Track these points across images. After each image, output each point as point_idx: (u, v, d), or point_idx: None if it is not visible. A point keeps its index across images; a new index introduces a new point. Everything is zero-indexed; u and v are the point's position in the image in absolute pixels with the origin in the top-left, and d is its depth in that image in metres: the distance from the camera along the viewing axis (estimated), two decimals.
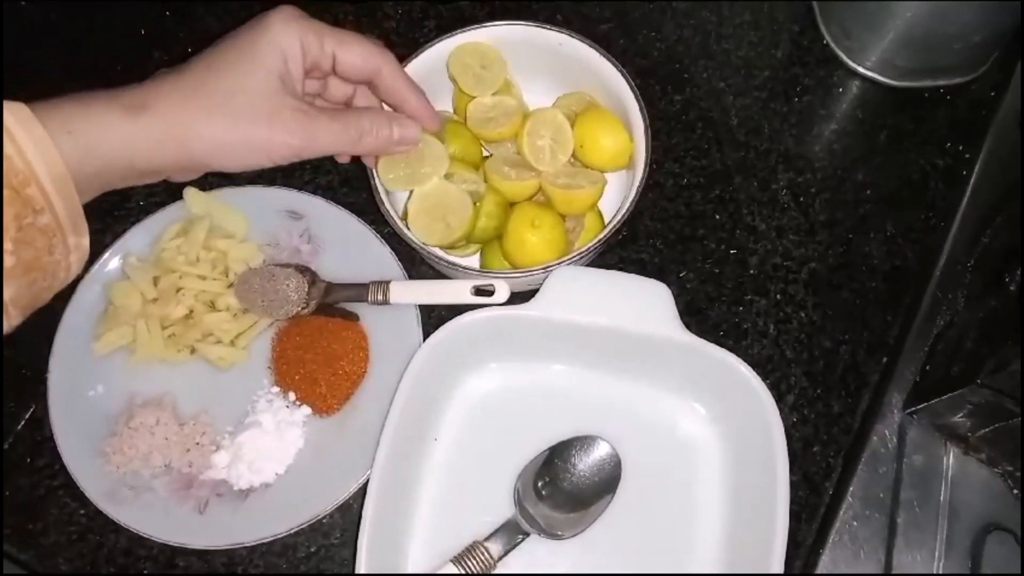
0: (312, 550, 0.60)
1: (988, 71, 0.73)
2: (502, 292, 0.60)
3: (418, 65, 0.63)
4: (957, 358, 0.59)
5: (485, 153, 0.66)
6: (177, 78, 0.48)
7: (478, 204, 0.61)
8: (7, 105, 0.42)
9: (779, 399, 0.57)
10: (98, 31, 0.77)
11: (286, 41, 0.49)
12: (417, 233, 0.59)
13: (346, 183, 0.70)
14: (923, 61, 0.72)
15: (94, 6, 0.77)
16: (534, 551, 0.57)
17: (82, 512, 0.61)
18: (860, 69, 0.74)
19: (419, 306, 0.63)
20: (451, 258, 0.62)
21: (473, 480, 0.60)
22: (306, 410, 0.62)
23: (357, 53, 0.52)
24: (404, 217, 0.63)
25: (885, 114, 0.73)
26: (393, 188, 0.60)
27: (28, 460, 0.63)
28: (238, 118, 0.48)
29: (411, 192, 0.60)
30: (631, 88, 0.62)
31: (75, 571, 0.60)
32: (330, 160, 0.70)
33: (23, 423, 0.64)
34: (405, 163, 0.59)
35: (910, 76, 0.73)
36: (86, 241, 0.46)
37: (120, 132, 0.46)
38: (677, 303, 0.58)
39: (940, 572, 0.58)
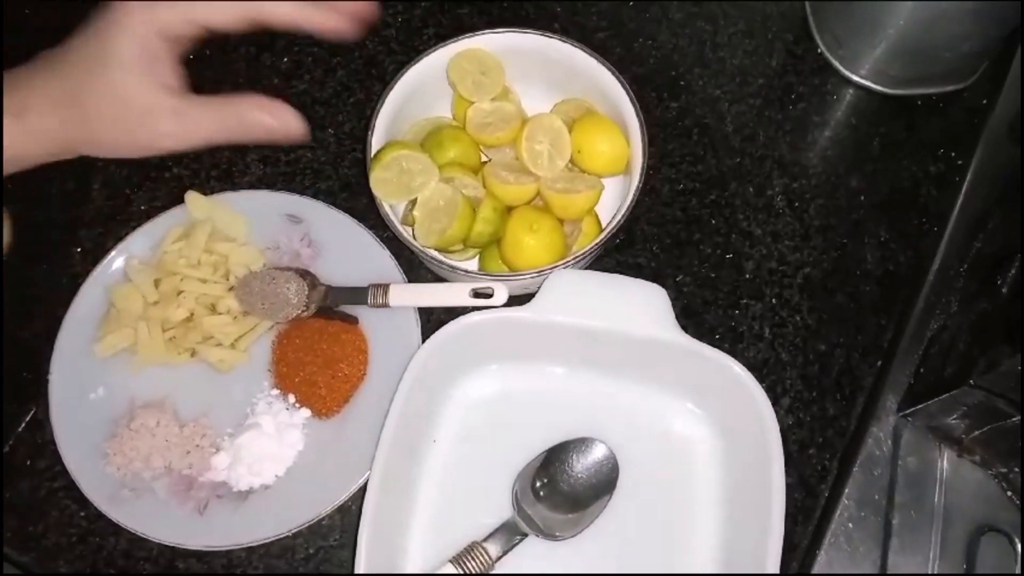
0: (311, 552, 0.61)
1: (979, 79, 0.74)
2: (500, 295, 0.60)
3: (418, 72, 0.64)
4: (950, 360, 0.60)
5: (484, 158, 0.67)
6: (50, 80, 0.47)
7: (476, 208, 0.61)
8: None
9: (775, 402, 0.57)
10: None
11: (141, 33, 0.46)
12: (419, 234, 0.60)
13: (346, 188, 0.71)
14: (915, 70, 0.73)
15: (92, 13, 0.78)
16: (532, 552, 0.58)
17: (82, 514, 0.62)
18: (853, 77, 0.75)
19: (418, 309, 0.63)
20: (450, 261, 0.63)
21: (471, 481, 0.60)
22: (306, 412, 0.62)
23: (219, 7, 0.48)
24: (405, 222, 0.64)
25: (878, 121, 0.74)
26: (393, 201, 0.61)
27: (28, 462, 0.63)
28: (115, 122, 0.47)
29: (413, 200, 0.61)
30: (628, 94, 0.63)
31: (75, 573, 0.60)
32: (330, 165, 0.71)
33: (24, 425, 0.64)
34: (397, 181, 0.59)
35: (903, 84, 0.74)
36: None
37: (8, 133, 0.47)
38: (674, 307, 0.59)
39: (935, 573, 0.59)
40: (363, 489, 0.56)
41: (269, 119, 0.50)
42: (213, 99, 0.49)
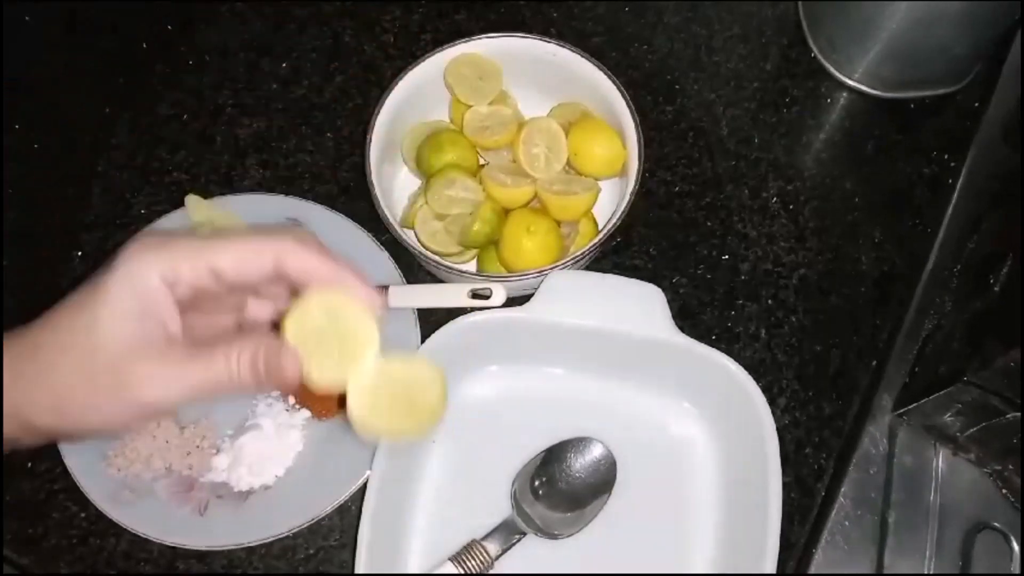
0: (311, 552, 0.61)
1: (972, 82, 0.75)
2: (499, 295, 0.61)
3: (416, 76, 0.65)
4: (944, 359, 0.61)
5: (482, 161, 0.68)
6: (19, 336, 0.41)
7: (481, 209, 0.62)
8: None
9: (771, 402, 0.58)
10: (100, 46, 0.79)
11: (141, 277, 0.39)
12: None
13: (345, 191, 0.71)
14: (908, 73, 0.73)
15: (96, 21, 0.79)
16: (531, 550, 0.58)
17: (83, 516, 0.62)
18: (847, 81, 0.76)
19: (417, 310, 0.64)
20: (448, 263, 0.63)
21: (470, 481, 0.61)
22: (305, 413, 0.63)
23: (235, 254, 0.40)
24: (404, 224, 0.64)
25: (872, 124, 0.75)
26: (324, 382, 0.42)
27: (29, 464, 0.63)
28: (76, 384, 0.39)
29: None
30: (624, 98, 0.64)
31: (76, 574, 0.60)
32: (329, 169, 0.72)
33: None
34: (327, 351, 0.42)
35: (896, 87, 0.75)
36: None
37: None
38: (670, 308, 0.59)
39: (931, 571, 0.59)
40: (362, 489, 0.56)
41: (250, 377, 0.41)
42: (207, 354, 0.40)
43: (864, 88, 0.75)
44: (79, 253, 0.70)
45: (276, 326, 0.42)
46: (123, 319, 0.39)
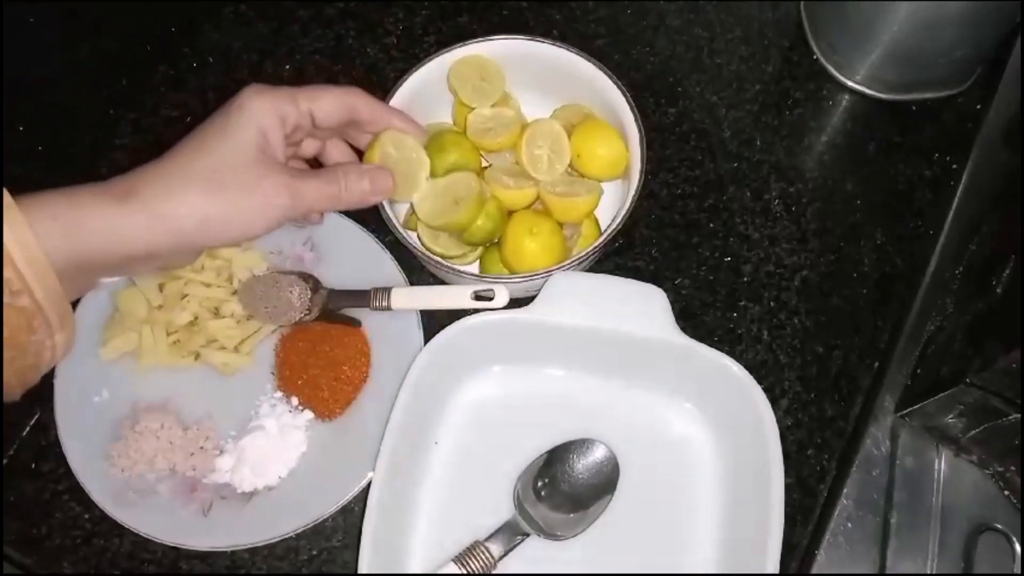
0: (314, 552, 0.61)
1: (973, 85, 0.75)
2: (502, 297, 0.61)
3: (419, 78, 0.65)
4: (946, 360, 0.61)
5: (484, 163, 0.68)
6: (161, 163, 0.50)
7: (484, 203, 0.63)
8: None
9: (773, 403, 0.58)
10: (102, 47, 0.79)
11: (261, 114, 0.51)
12: (425, 213, 0.62)
13: None
14: (909, 75, 0.74)
15: (98, 22, 0.79)
16: (534, 551, 0.58)
17: (86, 516, 0.62)
18: (849, 83, 0.76)
19: (420, 312, 0.64)
20: (451, 264, 0.63)
21: (473, 482, 0.61)
22: (309, 414, 0.63)
23: (329, 100, 0.55)
24: (407, 225, 0.65)
25: (874, 126, 0.75)
26: (405, 198, 0.62)
27: (33, 465, 0.64)
28: (223, 191, 0.49)
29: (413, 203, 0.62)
30: (626, 100, 0.64)
31: (79, 574, 0.61)
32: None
33: (28, 428, 0.65)
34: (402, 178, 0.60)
35: (898, 90, 0.75)
36: (68, 331, 0.48)
37: (109, 219, 0.47)
38: (672, 309, 0.59)
39: (933, 572, 0.59)
40: (366, 490, 0.56)
41: (366, 184, 0.56)
42: (316, 170, 0.55)
43: (866, 90, 0.75)
44: None
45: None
46: (250, 142, 0.50)
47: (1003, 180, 0.70)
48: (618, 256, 0.70)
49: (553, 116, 0.68)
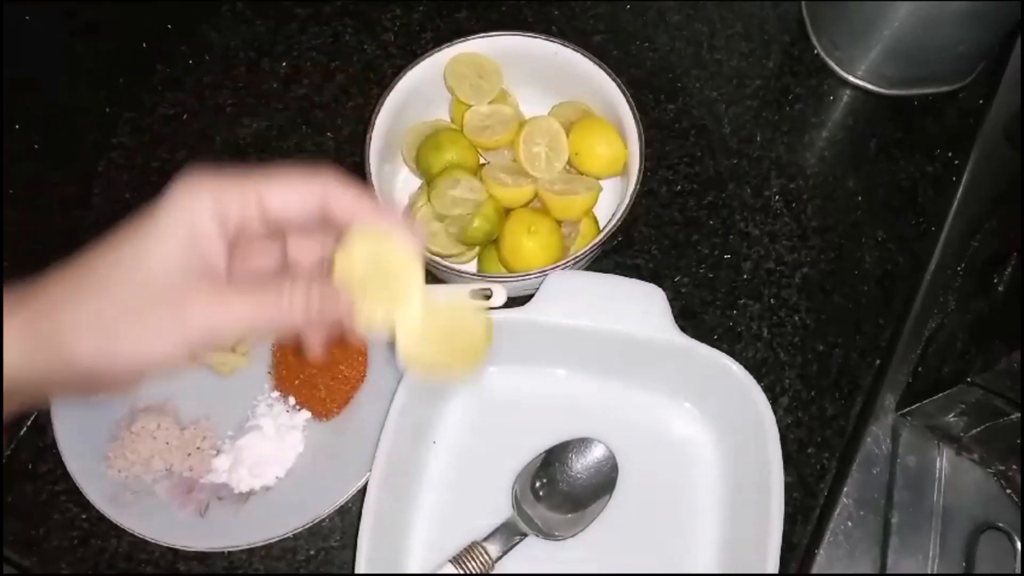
0: (311, 553, 0.61)
1: (975, 80, 0.75)
2: (499, 296, 0.60)
3: (416, 75, 0.65)
4: (948, 359, 0.60)
5: (482, 161, 0.67)
6: (64, 269, 0.39)
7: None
8: None
9: (773, 402, 0.58)
10: (100, 46, 0.78)
11: (194, 212, 0.39)
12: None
13: None
14: (911, 71, 0.73)
15: (96, 21, 0.79)
16: (532, 552, 0.58)
17: (84, 517, 0.62)
18: (850, 78, 0.75)
19: None
20: (448, 263, 0.63)
21: (471, 482, 0.60)
22: (306, 414, 0.63)
23: (287, 190, 0.40)
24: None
25: (875, 122, 0.74)
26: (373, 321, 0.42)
27: (30, 466, 0.63)
28: (126, 310, 0.38)
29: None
30: (625, 97, 0.63)
31: (77, 575, 0.61)
32: (329, 168, 0.71)
33: (25, 429, 0.65)
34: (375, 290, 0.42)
35: (899, 85, 0.74)
36: None
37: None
38: (672, 308, 0.59)
39: (935, 572, 0.59)
40: (363, 490, 0.56)
41: (314, 308, 0.40)
42: (257, 287, 0.40)
43: (867, 86, 0.75)
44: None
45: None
46: (174, 250, 0.38)
47: (1006, 177, 0.69)
48: (617, 254, 0.69)
49: (551, 113, 0.68)
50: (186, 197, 0.39)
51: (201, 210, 0.39)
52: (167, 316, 0.38)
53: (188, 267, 0.38)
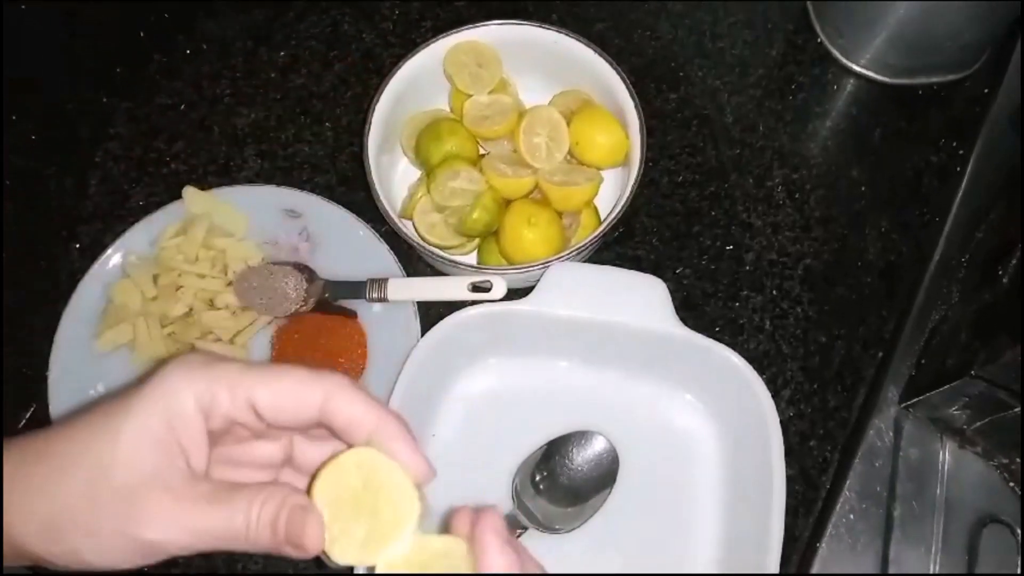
0: None
1: (981, 69, 0.74)
2: (499, 288, 0.60)
3: (415, 65, 0.64)
4: (951, 351, 0.60)
5: (482, 151, 0.67)
6: (29, 439, 0.36)
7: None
8: None
9: (775, 394, 0.57)
10: (97, 36, 0.78)
11: (179, 399, 0.35)
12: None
13: (344, 182, 0.71)
14: (916, 59, 0.72)
15: (93, 11, 0.78)
16: (532, 545, 0.57)
17: None
18: (854, 67, 0.74)
19: (417, 303, 0.63)
20: (448, 255, 0.62)
21: (471, 475, 0.60)
22: None
23: (279, 390, 0.36)
24: (404, 215, 0.64)
25: (879, 111, 0.73)
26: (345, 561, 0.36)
27: None
28: (74, 512, 0.34)
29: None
30: (626, 86, 0.63)
31: (74, 572, 0.60)
32: (328, 159, 0.71)
33: (24, 422, 0.64)
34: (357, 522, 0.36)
35: (904, 74, 0.73)
36: None
37: None
38: (673, 299, 0.58)
39: (937, 566, 0.59)
40: None
41: (280, 532, 0.35)
42: (227, 499, 0.35)
43: (871, 75, 0.74)
44: (77, 245, 0.69)
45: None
46: (146, 443, 0.35)
47: (1011, 166, 0.68)
48: (618, 245, 0.69)
49: (551, 103, 0.67)
50: (171, 382, 0.35)
51: (185, 399, 0.35)
52: (116, 527, 0.34)
53: (159, 463, 0.35)
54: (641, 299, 0.58)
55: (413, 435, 0.37)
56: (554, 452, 0.59)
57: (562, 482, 0.58)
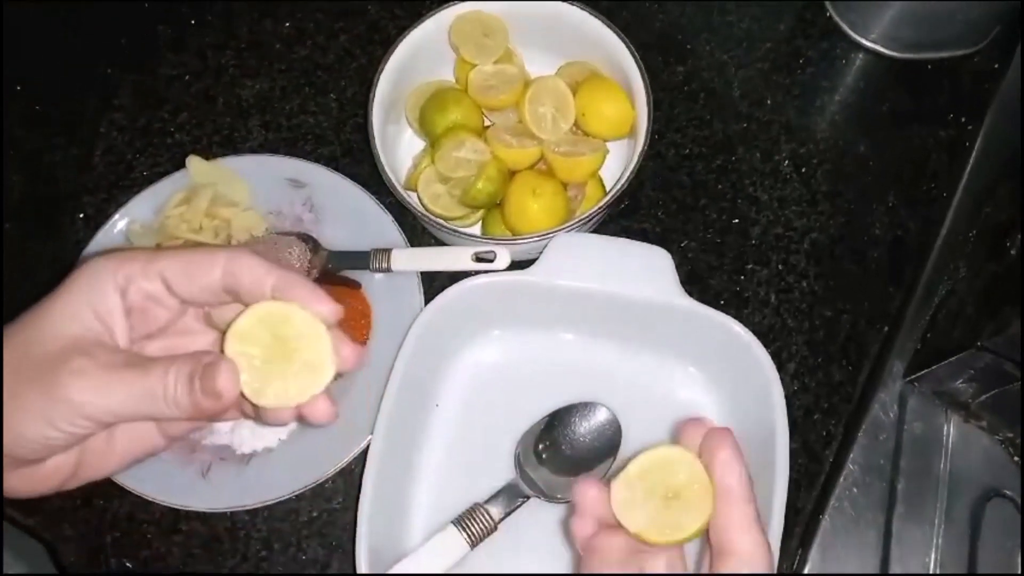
0: (314, 515, 0.61)
1: (991, 44, 0.73)
2: (503, 258, 0.60)
3: (420, 35, 0.64)
4: (958, 325, 0.59)
5: (487, 122, 0.66)
6: None
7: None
8: None
9: (780, 368, 0.57)
10: (102, 7, 0.77)
11: (97, 284, 0.39)
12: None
13: (348, 153, 0.70)
14: (925, 34, 0.71)
15: None
16: (535, 514, 0.57)
17: None
18: (863, 42, 0.74)
19: (421, 274, 0.63)
20: (452, 226, 0.62)
21: (474, 445, 0.60)
22: None
23: (184, 266, 0.39)
24: (408, 186, 0.64)
25: (888, 86, 0.73)
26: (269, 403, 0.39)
27: None
28: (9, 374, 0.37)
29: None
30: (633, 57, 0.62)
31: (80, 535, 0.60)
32: (332, 130, 0.71)
33: None
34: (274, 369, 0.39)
35: (913, 48, 0.73)
36: None
37: None
38: (679, 273, 0.58)
39: (939, 540, 0.59)
40: (366, 452, 0.55)
41: (197, 389, 0.38)
42: (146, 364, 0.38)
43: (880, 49, 0.73)
44: (81, 216, 0.69)
45: None
46: (68, 317, 0.38)
47: (1021, 142, 0.68)
48: (624, 218, 0.68)
49: (558, 74, 0.66)
50: (91, 268, 0.39)
51: (104, 281, 0.38)
52: (43, 391, 0.37)
53: (82, 334, 0.38)
54: (645, 270, 0.58)
55: (317, 287, 0.40)
56: (557, 422, 0.59)
57: (564, 452, 0.58)
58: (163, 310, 0.41)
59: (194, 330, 0.43)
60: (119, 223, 0.65)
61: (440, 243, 0.66)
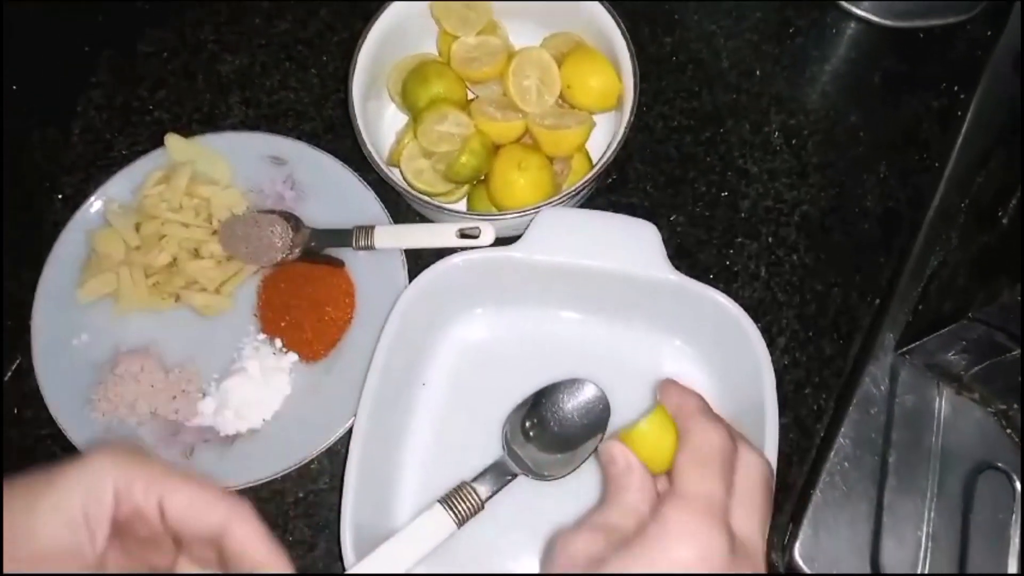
0: (300, 496, 0.60)
1: (983, 11, 0.72)
2: (487, 235, 0.59)
3: (401, 8, 0.63)
4: (949, 296, 0.59)
5: (471, 95, 0.65)
6: None
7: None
8: None
9: (770, 342, 0.56)
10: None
11: (100, 479, 0.36)
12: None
13: (330, 129, 0.69)
14: (917, 2, 0.70)
15: None
16: (522, 492, 0.57)
17: None
18: (854, 10, 0.72)
19: (405, 252, 0.62)
20: (436, 202, 0.61)
21: (461, 424, 0.59)
22: (293, 356, 0.61)
23: (188, 500, 0.37)
24: (391, 162, 0.62)
25: (879, 55, 0.72)
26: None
27: (15, 411, 0.63)
28: None
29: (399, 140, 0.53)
30: (619, 27, 0.61)
31: None
32: (314, 106, 0.70)
33: (9, 375, 0.63)
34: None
35: (904, 17, 0.72)
36: None
37: None
38: (667, 247, 0.57)
39: (932, 514, 0.58)
40: (352, 432, 0.55)
41: None
42: None
43: (871, 17, 0.72)
44: (60, 196, 0.68)
45: None
46: (62, 521, 0.35)
47: (1012, 110, 0.67)
48: (611, 192, 0.67)
49: (542, 45, 0.65)
50: (99, 464, 0.36)
51: (106, 482, 0.36)
52: None
53: (67, 544, 0.35)
54: (632, 244, 0.57)
55: None
56: (545, 400, 0.58)
57: (552, 429, 0.57)
58: (144, 530, 0.38)
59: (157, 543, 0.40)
60: (96, 203, 0.64)
61: (424, 220, 0.65)
